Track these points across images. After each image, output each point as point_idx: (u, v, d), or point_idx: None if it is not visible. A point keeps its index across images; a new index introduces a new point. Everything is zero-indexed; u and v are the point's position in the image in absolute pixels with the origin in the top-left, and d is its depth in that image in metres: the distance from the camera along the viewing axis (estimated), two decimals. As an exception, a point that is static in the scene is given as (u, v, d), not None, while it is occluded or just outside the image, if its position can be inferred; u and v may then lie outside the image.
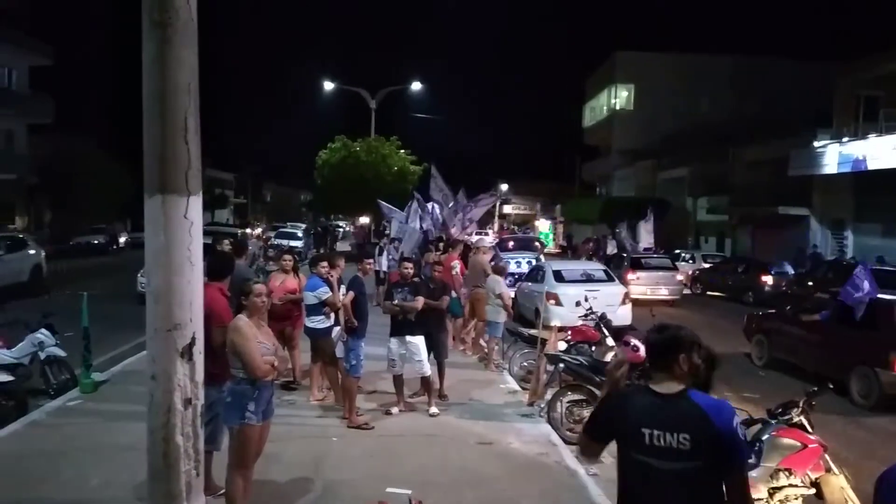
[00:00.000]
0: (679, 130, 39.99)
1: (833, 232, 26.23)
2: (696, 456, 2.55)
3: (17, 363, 8.13)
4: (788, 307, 12.42)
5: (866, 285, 9.52)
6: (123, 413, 7.37)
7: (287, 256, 9.12)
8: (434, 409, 7.90)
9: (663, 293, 19.47)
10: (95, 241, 34.85)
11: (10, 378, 7.59)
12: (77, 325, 8.77)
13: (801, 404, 5.29)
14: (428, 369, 7.94)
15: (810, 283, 17.45)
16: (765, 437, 5.10)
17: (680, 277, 20.71)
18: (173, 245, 3.16)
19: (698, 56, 42.79)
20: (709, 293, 23.06)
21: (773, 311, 12.84)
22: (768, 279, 20.48)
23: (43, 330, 8.50)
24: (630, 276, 18.78)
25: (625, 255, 22.19)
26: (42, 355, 8.37)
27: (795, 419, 5.23)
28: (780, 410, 5.35)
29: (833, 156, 23.78)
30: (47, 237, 37.09)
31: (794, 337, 11.08)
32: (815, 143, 24.99)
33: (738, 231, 32.50)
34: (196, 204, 3.22)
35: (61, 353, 8.54)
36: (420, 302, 7.84)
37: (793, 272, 20.95)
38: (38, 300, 14.38)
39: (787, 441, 5.08)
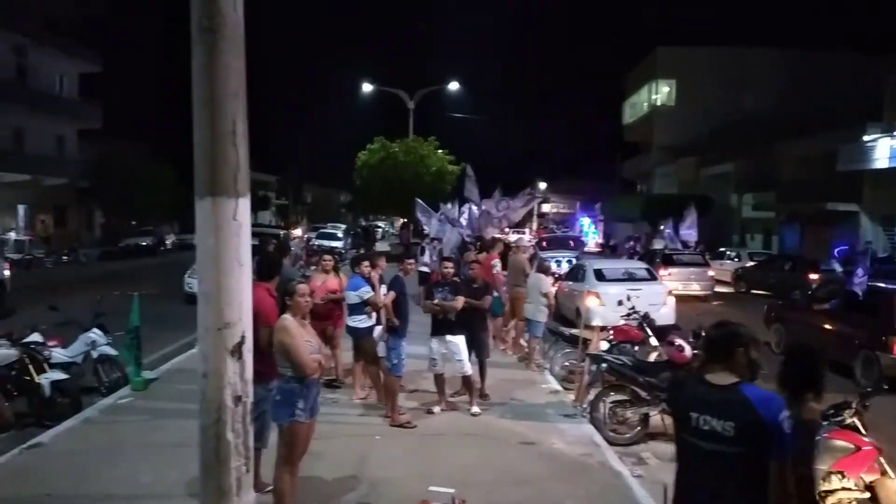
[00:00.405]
0: (723, 126, 39.19)
1: (884, 228, 25.41)
2: (739, 442, 2.76)
3: (71, 362, 8.40)
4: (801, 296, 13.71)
5: (860, 271, 10.78)
6: (173, 410, 7.57)
7: (327, 256, 9.23)
8: (476, 409, 7.91)
9: (695, 288, 19.83)
10: (143, 243, 35.80)
11: (66, 376, 7.85)
12: (127, 325, 9.03)
13: (853, 405, 5.15)
14: (469, 368, 7.95)
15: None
16: (816, 439, 4.97)
17: (711, 273, 20.96)
18: (223, 246, 3.23)
19: (742, 50, 41.90)
20: (753, 291, 22.53)
21: (791, 301, 13.95)
22: (816, 276, 19.93)
23: (95, 329, 8.76)
24: (662, 272, 18.73)
25: (666, 251, 22.13)
26: (94, 354, 8.63)
27: (848, 421, 5.08)
28: (831, 412, 5.20)
29: (884, 150, 23.04)
30: (97, 239, 38.28)
31: (806, 324, 11.84)
32: (866, 138, 24.23)
33: (785, 228, 31.73)
34: (244, 206, 3.29)
35: (113, 351, 8.80)
36: (460, 301, 7.86)
37: (841, 269, 20.35)
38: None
39: (839, 443, 4.94)
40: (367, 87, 37.30)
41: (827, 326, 11.29)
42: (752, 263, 25.00)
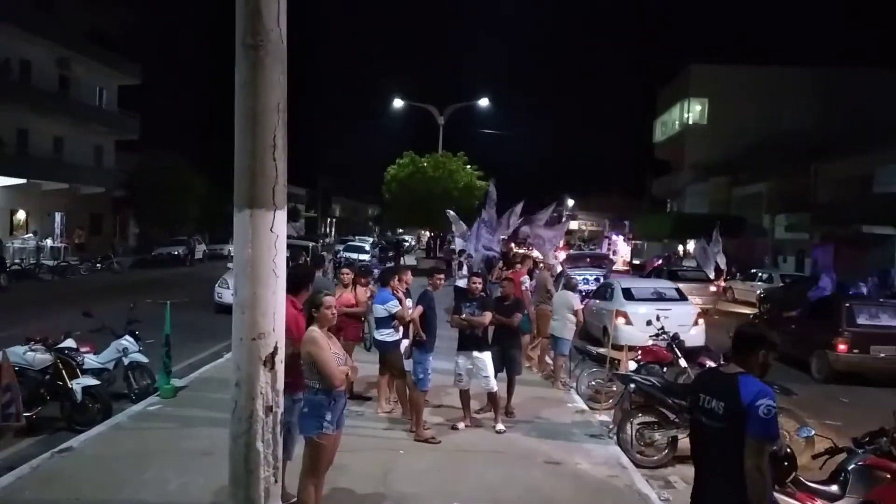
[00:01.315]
0: (756, 145, 38.68)
1: (922, 253, 24.83)
2: (725, 419, 3.32)
3: (103, 368, 8.54)
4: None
5: (829, 285, 14.25)
6: (201, 418, 7.65)
7: (345, 270, 9.25)
8: (500, 426, 7.86)
9: (698, 301, 20.01)
10: (175, 253, 36.35)
11: (97, 382, 7.97)
12: (158, 333, 9.16)
13: (890, 433, 5.01)
14: (494, 385, 7.91)
15: None
16: (851, 467, 4.85)
17: (713, 289, 22.29)
18: (259, 257, 3.28)
19: (777, 68, 41.42)
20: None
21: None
22: None
23: (127, 336, 8.91)
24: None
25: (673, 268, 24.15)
26: (126, 361, 8.77)
27: (885, 448, 4.95)
28: (867, 439, 5.08)
29: (923, 172, 22.58)
30: (131, 248, 39.01)
31: (777, 330, 12.71)
32: (904, 159, 23.78)
33: (817, 250, 31.13)
34: (281, 218, 3.35)
35: (144, 359, 8.92)
36: (488, 317, 7.84)
37: (868, 292, 20.02)
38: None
39: (876, 472, 4.81)
40: (397, 103, 37.64)
41: (792, 330, 13.33)
42: (780, 285, 24.62)
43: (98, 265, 28.98)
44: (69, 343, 8.32)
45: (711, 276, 23.07)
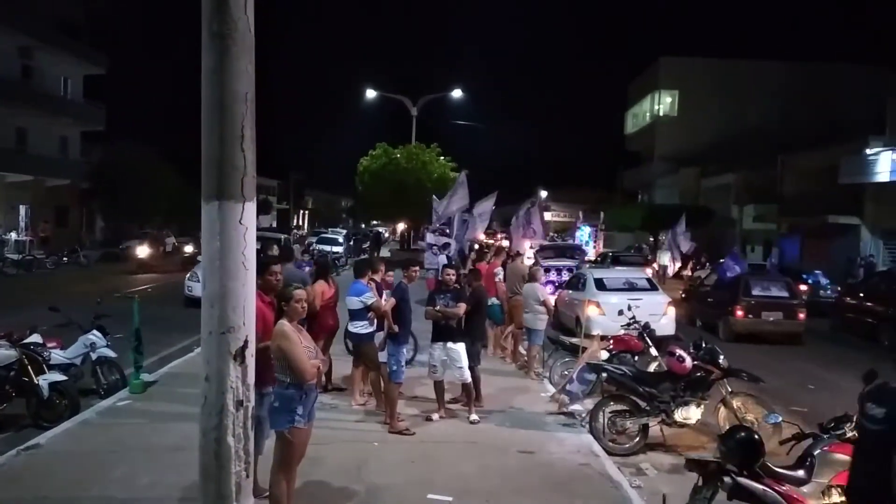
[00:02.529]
0: (725, 137, 39.28)
1: (885, 242, 25.41)
2: (882, 423, 3.73)
3: (70, 363, 8.39)
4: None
5: (737, 268, 16.78)
6: (171, 414, 7.55)
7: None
8: (474, 417, 7.89)
9: None
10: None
11: (64, 378, 7.82)
12: (126, 328, 9.01)
13: (854, 419, 5.12)
14: (468, 376, 7.95)
15: (861, 294, 16.93)
16: (816, 453, 4.96)
17: (649, 271, 22.64)
18: (229, 250, 3.23)
19: (746, 62, 42.06)
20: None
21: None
22: (805, 288, 20.11)
23: (95, 331, 8.75)
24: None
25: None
26: (93, 356, 8.61)
27: (849, 434, 5.06)
28: (832, 425, 5.18)
29: (886, 163, 23.08)
30: (99, 241, 38.28)
31: (698, 300, 17.72)
32: (868, 151, 24.28)
33: (785, 240, 31.75)
34: (251, 210, 3.30)
35: (112, 354, 8.78)
36: (462, 308, 7.86)
37: (827, 281, 20.54)
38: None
39: (840, 457, 4.91)
40: (370, 94, 37.41)
41: (706, 301, 17.07)
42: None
43: (64, 259, 28.38)
44: (35, 338, 8.15)
45: (676, 264, 23.73)
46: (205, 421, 3.29)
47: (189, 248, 31.60)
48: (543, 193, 64.92)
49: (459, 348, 7.85)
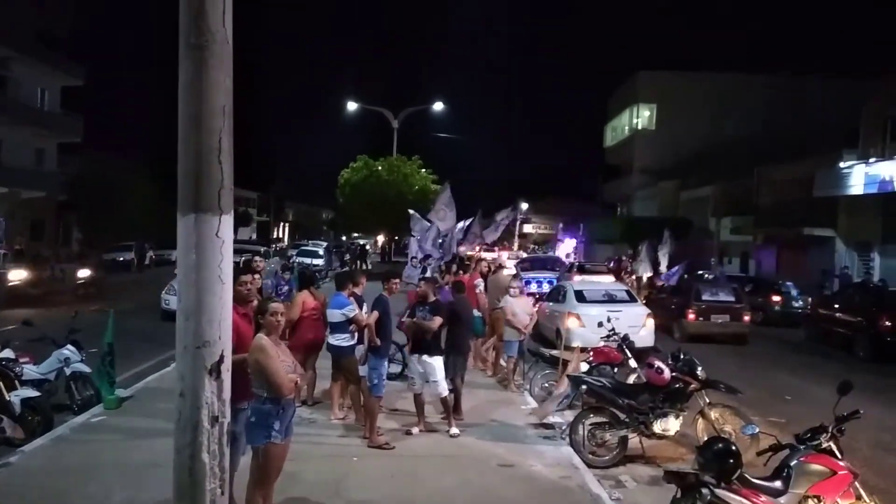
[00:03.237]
0: (703, 150, 39.74)
1: (859, 254, 25.80)
2: None
3: (43, 379, 8.24)
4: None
5: (674, 274, 20.51)
6: (147, 429, 7.44)
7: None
8: (455, 430, 7.85)
9: None
10: (121, 259, 35.29)
11: (37, 394, 7.69)
12: (102, 342, 8.87)
13: (830, 430, 5.17)
14: (443, 390, 7.87)
15: (836, 305, 17.17)
16: (793, 463, 4.99)
17: (611, 279, 23.56)
18: (205, 263, 3.20)
19: (723, 75, 42.66)
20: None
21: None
22: (778, 298, 20.39)
23: (69, 346, 8.61)
24: (576, 278, 21.04)
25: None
26: (67, 371, 8.47)
27: (824, 445, 5.11)
28: (808, 436, 5.23)
29: (859, 176, 23.45)
30: (75, 254, 37.69)
31: (655, 303, 17.94)
32: (841, 164, 24.67)
33: (761, 252, 32.14)
34: (227, 223, 3.27)
35: (86, 368, 8.63)
36: (437, 322, 7.80)
37: (797, 292, 20.89)
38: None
39: (816, 467, 4.96)
40: (351, 106, 37.42)
41: (664, 305, 17.89)
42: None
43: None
44: (7, 353, 8.01)
45: (648, 273, 24.21)
46: (179, 437, 3.24)
47: (84, 273, 24.53)
48: (524, 205, 65.20)
49: (434, 362, 7.79)
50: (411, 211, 19.08)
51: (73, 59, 37.63)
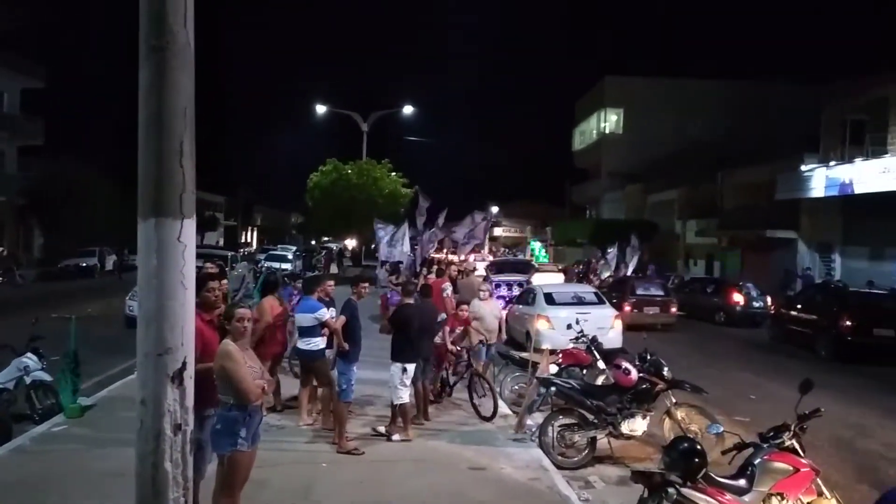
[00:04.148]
0: (669, 154, 40.36)
1: (821, 255, 26.40)
2: None
3: (2, 388, 8.03)
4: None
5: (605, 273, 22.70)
6: (110, 439, 7.27)
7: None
8: (396, 436, 7.72)
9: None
10: (84, 264, 34.57)
11: (-5, 403, 7.49)
12: (64, 349, 8.66)
13: (792, 428, 5.28)
14: (397, 398, 7.70)
15: (799, 306, 17.53)
16: (756, 462, 5.08)
17: (562, 277, 24.15)
18: (166, 268, 3.14)
19: (688, 80, 43.40)
20: (679, 313, 22.97)
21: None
22: (740, 299, 20.82)
23: (29, 354, 8.39)
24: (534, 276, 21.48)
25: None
26: (28, 380, 8.25)
27: (787, 443, 5.21)
28: (771, 434, 5.33)
29: (820, 179, 24.02)
30: (36, 259, 36.82)
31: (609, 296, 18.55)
32: (803, 167, 25.24)
33: (727, 254, 32.72)
34: (190, 227, 3.22)
35: (47, 377, 8.42)
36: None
37: (757, 293, 21.33)
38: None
39: (779, 465, 5.05)
40: (320, 109, 37.21)
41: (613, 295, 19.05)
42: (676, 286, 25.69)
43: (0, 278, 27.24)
44: (-37, 362, 7.78)
45: (609, 272, 24.63)
46: (141, 446, 3.17)
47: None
48: (494, 209, 65.48)
49: (394, 368, 7.73)
50: (377, 219, 19.19)
51: (34, 61, 36.81)
